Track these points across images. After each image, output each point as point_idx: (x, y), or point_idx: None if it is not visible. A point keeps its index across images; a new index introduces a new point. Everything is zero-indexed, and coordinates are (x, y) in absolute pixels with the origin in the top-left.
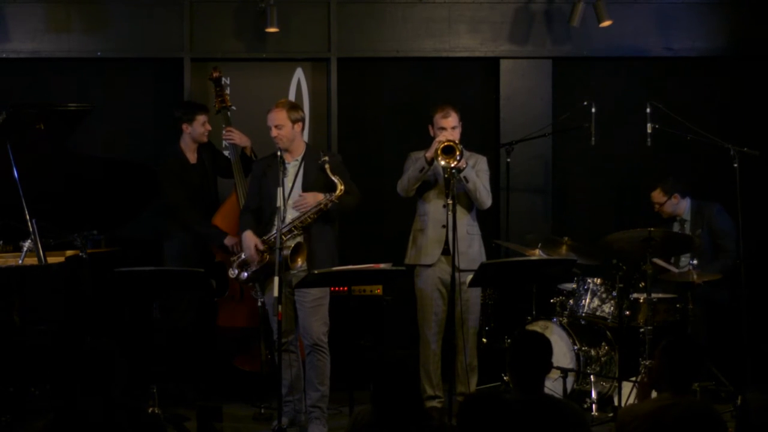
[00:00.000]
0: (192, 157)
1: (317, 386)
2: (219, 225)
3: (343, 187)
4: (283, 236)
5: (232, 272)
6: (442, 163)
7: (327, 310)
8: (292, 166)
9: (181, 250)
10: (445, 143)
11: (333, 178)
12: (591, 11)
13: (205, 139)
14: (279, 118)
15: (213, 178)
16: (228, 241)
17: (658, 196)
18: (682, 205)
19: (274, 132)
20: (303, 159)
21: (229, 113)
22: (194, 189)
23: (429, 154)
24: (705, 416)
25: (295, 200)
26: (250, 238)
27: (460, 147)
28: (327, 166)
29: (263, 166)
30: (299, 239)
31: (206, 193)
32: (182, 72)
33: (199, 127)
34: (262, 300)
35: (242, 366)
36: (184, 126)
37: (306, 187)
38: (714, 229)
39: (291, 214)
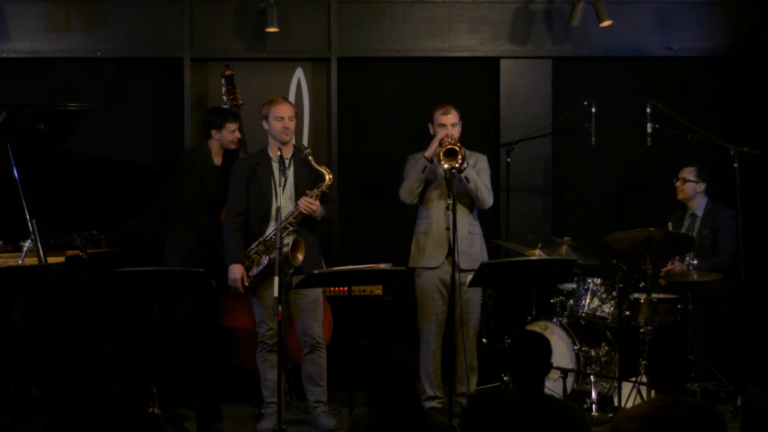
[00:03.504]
0: (217, 159)
1: (318, 381)
2: None
3: (331, 176)
4: (280, 233)
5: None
6: (445, 166)
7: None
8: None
9: (187, 246)
10: (447, 146)
11: (320, 168)
12: (591, 11)
13: (233, 146)
14: (292, 111)
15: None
16: None
17: (688, 173)
18: (699, 199)
19: (288, 123)
20: (292, 157)
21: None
22: (211, 190)
23: (428, 153)
24: (705, 416)
25: (303, 205)
26: (238, 272)
27: (462, 152)
28: (311, 157)
29: (251, 163)
30: (295, 236)
31: (223, 197)
32: (182, 72)
33: (227, 135)
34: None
35: (244, 364)
36: (213, 132)
37: (298, 183)
38: (720, 229)
39: (285, 210)
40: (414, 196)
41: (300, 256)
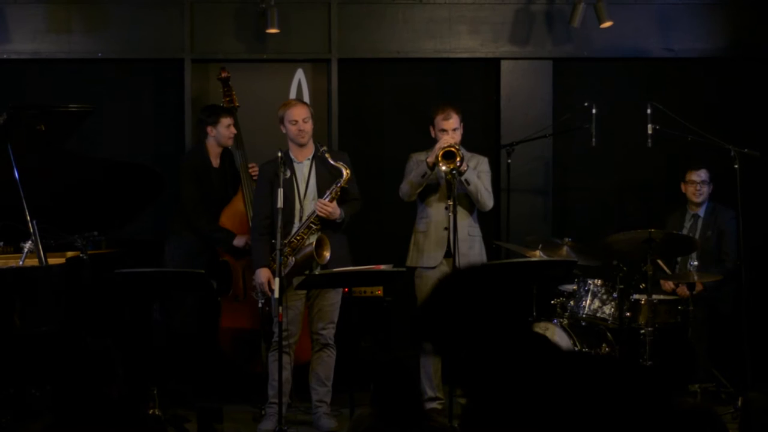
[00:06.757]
0: (215, 161)
1: (324, 381)
2: (225, 224)
3: (348, 171)
4: (303, 233)
5: (260, 301)
6: (444, 168)
7: None
8: (305, 165)
9: (186, 248)
10: (446, 149)
11: (336, 164)
12: (591, 12)
13: (230, 143)
14: (306, 112)
15: (231, 186)
16: (237, 242)
17: (704, 175)
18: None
19: (302, 126)
20: (314, 158)
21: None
22: (211, 192)
23: (430, 159)
24: None
25: (318, 209)
26: (264, 275)
27: (461, 154)
28: (327, 154)
29: (274, 167)
30: (319, 234)
31: (222, 198)
32: (183, 73)
33: (223, 130)
34: (262, 301)
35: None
36: (209, 129)
37: (320, 182)
38: (723, 233)
39: (308, 210)
40: (413, 197)
41: (326, 254)
